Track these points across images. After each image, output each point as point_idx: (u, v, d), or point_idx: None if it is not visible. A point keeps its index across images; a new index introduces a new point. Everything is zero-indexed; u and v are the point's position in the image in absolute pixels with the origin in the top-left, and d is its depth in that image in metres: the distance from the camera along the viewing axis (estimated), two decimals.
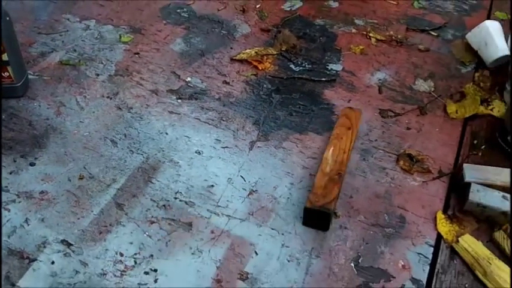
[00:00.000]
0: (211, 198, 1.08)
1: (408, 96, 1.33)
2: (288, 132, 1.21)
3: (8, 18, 1.15)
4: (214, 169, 1.13)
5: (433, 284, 0.98)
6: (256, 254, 0.99)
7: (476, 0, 1.69)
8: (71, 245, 0.99)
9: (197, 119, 1.23)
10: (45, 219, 1.03)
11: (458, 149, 1.22)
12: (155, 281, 0.94)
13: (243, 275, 0.96)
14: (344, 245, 1.01)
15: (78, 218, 1.03)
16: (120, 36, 1.42)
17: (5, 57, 1.16)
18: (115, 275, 0.95)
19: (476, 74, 1.40)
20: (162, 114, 1.23)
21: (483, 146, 1.25)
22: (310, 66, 1.37)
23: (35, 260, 0.97)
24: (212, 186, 1.10)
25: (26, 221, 1.02)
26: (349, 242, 1.02)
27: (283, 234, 1.02)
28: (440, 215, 1.09)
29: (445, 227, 1.08)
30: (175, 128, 1.21)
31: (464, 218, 1.10)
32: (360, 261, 0.99)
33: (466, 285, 0.99)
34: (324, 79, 1.33)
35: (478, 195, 1.10)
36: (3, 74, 1.20)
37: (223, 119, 1.23)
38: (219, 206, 1.06)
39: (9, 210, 1.04)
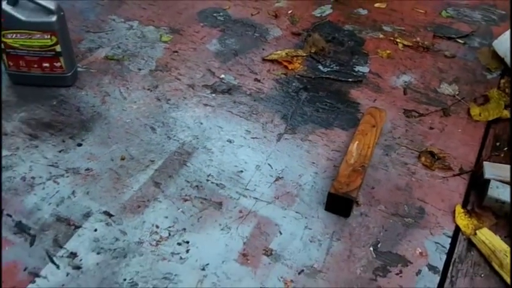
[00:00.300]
0: (240, 182, 1.15)
1: (432, 98, 1.39)
2: (314, 127, 1.29)
3: (62, 13, 1.27)
4: (244, 156, 1.21)
5: (450, 271, 1.02)
6: (281, 233, 1.06)
7: (505, 11, 1.74)
8: (112, 216, 1.08)
9: (229, 111, 1.31)
10: (90, 192, 1.13)
11: (480, 150, 1.27)
12: (187, 251, 1.02)
13: (267, 251, 1.03)
14: (364, 231, 1.07)
15: (119, 193, 1.12)
16: (161, 36, 1.53)
17: (58, 48, 1.28)
18: (151, 244, 1.03)
19: (502, 81, 1.45)
20: (198, 106, 1.33)
21: (505, 148, 1.30)
22: (337, 67, 1.45)
23: (80, 226, 1.06)
24: (241, 171, 1.18)
25: (73, 193, 1.12)
26: (369, 228, 1.08)
27: (306, 217, 1.09)
28: (459, 209, 1.14)
29: (463, 221, 1.12)
30: (209, 119, 1.29)
31: (483, 213, 1.15)
32: (378, 246, 1.05)
33: (482, 275, 1.03)
34: (350, 80, 1.40)
35: (497, 191, 1.14)
36: (55, 64, 1.32)
37: (254, 112, 1.32)
38: (247, 189, 1.14)
39: (58, 183, 1.14)
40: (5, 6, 1.24)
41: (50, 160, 1.20)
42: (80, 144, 1.23)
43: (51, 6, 1.24)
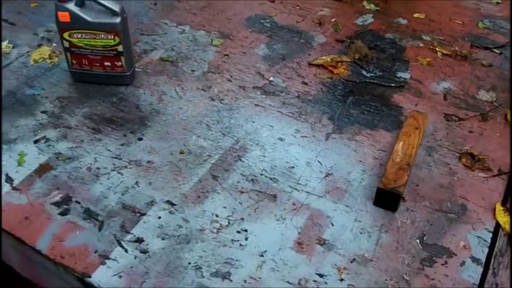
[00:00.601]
0: (292, 177, 1.23)
1: (471, 104, 1.45)
2: (360, 128, 1.36)
3: (125, 16, 1.36)
4: (295, 153, 1.28)
5: (491, 263, 1.08)
6: (332, 225, 1.13)
7: None
8: (174, 205, 1.16)
9: (279, 111, 1.39)
10: (152, 183, 1.21)
11: None
12: (246, 238, 1.09)
13: (320, 240, 1.10)
14: (410, 225, 1.13)
15: (180, 184, 1.20)
16: (212, 40, 1.62)
17: (120, 48, 1.37)
18: (212, 231, 1.11)
19: None
20: (249, 106, 1.40)
21: None
22: (380, 73, 1.52)
23: (144, 214, 1.14)
24: (293, 167, 1.25)
25: (137, 183, 1.21)
26: (415, 222, 1.14)
27: (355, 211, 1.16)
28: (499, 207, 1.20)
29: (503, 218, 1.18)
30: (260, 118, 1.37)
31: None
32: (424, 238, 1.11)
33: None
34: (393, 85, 1.47)
35: None
36: (116, 63, 1.41)
37: (302, 113, 1.39)
38: (299, 183, 1.21)
39: (122, 174, 1.22)
40: (73, 7, 1.34)
41: (113, 152, 1.29)
42: (140, 139, 1.32)
43: (116, 8, 1.34)
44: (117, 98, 1.43)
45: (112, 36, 1.36)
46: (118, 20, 1.34)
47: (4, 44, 1.61)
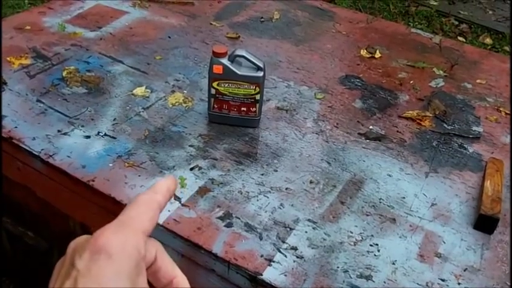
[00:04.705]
0: (405, 205, 1.53)
1: None
2: (451, 169, 1.67)
3: (265, 70, 1.69)
4: (403, 187, 1.59)
5: None
6: (444, 242, 1.42)
7: None
8: (316, 222, 1.45)
9: (383, 153, 1.71)
10: (294, 205, 1.50)
11: None
12: (378, 250, 1.38)
13: (437, 254, 1.38)
14: (505, 244, 1.42)
15: (316, 207, 1.50)
16: (315, 94, 1.95)
17: (257, 97, 1.70)
18: (350, 244, 1.39)
19: None
20: (358, 148, 1.72)
21: None
22: (458, 126, 1.85)
23: (293, 229, 1.43)
24: (404, 197, 1.55)
25: (281, 205, 1.50)
26: (508, 242, 1.43)
27: (460, 232, 1.45)
28: None
29: None
30: (369, 158, 1.69)
31: None
32: None
33: None
34: (471, 136, 1.80)
35: None
36: (251, 109, 1.73)
37: (402, 156, 1.71)
38: (412, 210, 1.51)
39: (268, 197, 1.52)
40: (226, 62, 1.67)
41: (256, 180, 1.59)
42: (276, 170, 1.62)
43: (260, 64, 1.68)
44: (248, 137, 1.75)
45: (254, 87, 1.69)
46: (261, 74, 1.68)
47: (142, 88, 1.95)
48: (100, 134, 1.73)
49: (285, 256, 1.36)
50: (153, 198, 0.60)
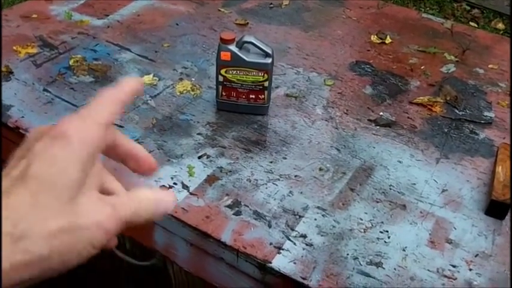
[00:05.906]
0: (415, 191, 1.51)
1: None
2: (462, 155, 1.65)
3: (274, 56, 1.67)
4: (413, 173, 1.57)
5: None
6: (455, 228, 1.41)
7: None
8: (325, 210, 1.44)
9: (393, 140, 1.69)
10: (303, 192, 1.49)
11: None
12: (388, 237, 1.37)
13: (448, 240, 1.37)
14: None
15: (326, 194, 1.49)
16: (324, 81, 1.94)
17: (266, 84, 1.69)
18: (360, 231, 1.39)
19: None
20: (368, 135, 1.71)
21: None
22: (470, 112, 1.82)
23: (303, 216, 1.42)
24: (414, 184, 1.54)
25: (290, 192, 1.49)
26: None
27: (471, 218, 1.44)
28: None
29: None
30: (379, 144, 1.67)
31: None
32: None
33: None
34: (482, 121, 1.78)
35: None
36: (260, 96, 1.72)
37: (412, 142, 1.69)
38: (422, 196, 1.50)
39: (276, 185, 1.51)
40: (234, 48, 1.66)
41: (265, 168, 1.58)
42: (284, 158, 1.61)
43: (269, 50, 1.66)
44: (257, 125, 1.74)
45: (262, 74, 1.67)
46: (270, 60, 1.66)
47: (150, 76, 1.94)
48: None
49: (294, 244, 1.36)
50: (117, 95, 0.63)
